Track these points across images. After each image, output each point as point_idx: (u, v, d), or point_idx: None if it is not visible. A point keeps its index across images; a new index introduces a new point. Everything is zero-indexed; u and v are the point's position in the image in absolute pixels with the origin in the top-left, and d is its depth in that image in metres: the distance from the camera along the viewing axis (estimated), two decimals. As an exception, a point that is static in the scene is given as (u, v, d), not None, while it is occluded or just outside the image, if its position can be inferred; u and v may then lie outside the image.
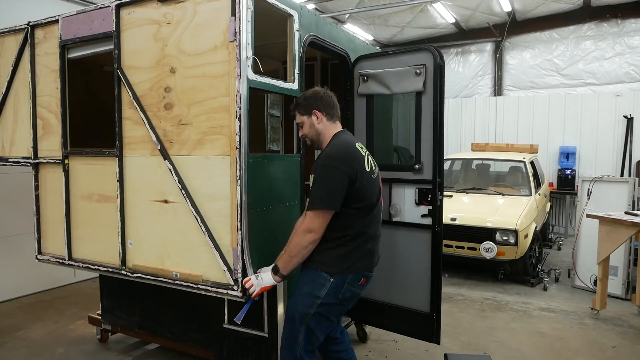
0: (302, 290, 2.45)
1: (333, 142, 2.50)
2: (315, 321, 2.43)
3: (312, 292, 2.41)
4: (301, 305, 2.43)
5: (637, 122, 8.75)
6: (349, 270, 2.42)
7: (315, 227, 2.33)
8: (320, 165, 2.38)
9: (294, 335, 2.45)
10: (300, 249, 2.36)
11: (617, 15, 9.52)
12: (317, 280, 2.41)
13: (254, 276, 2.45)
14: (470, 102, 10.56)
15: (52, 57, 3.30)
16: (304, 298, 2.43)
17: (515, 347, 4.02)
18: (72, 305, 4.92)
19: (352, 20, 10.21)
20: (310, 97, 2.54)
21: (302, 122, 2.56)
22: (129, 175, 2.97)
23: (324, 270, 2.40)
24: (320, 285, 2.40)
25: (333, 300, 2.42)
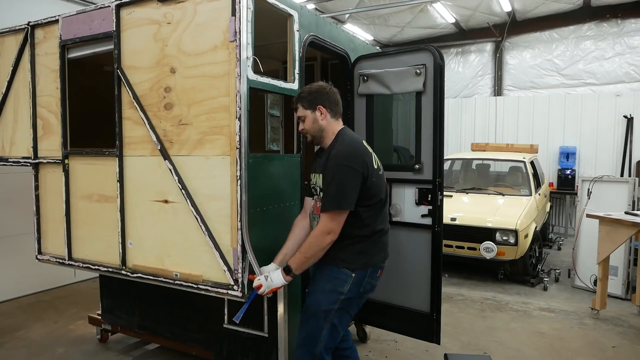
0: (325, 288, 2.45)
1: (341, 140, 2.48)
2: (339, 317, 2.46)
3: (335, 289, 2.43)
4: (324, 302, 2.44)
5: (637, 122, 8.75)
6: (368, 264, 2.47)
7: (333, 228, 2.34)
8: (333, 165, 2.36)
9: (315, 333, 2.45)
10: (317, 250, 2.36)
11: (617, 15, 9.52)
12: (339, 277, 2.43)
13: (262, 277, 2.43)
14: (470, 102, 10.56)
15: (52, 57, 3.30)
16: (327, 295, 2.44)
17: (515, 347, 4.02)
18: (72, 305, 4.92)
19: (352, 20, 10.21)
20: (316, 92, 2.50)
21: (305, 117, 2.51)
22: (129, 175, 2.97)
23: (345, 266, 2.43)
24: (342, 282, 2.43)
25: (355, 295, 2.47)
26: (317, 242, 2.35)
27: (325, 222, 2.34)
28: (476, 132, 10.26)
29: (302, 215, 2.72)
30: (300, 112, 2.53)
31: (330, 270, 2.46)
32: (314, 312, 2.46)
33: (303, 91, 2.55)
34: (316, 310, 2.46)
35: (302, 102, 2.50)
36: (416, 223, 3.30)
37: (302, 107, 2.51)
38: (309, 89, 2.53)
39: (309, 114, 2.50)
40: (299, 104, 2.52)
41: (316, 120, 2.49)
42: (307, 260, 2.38)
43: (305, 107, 2.50)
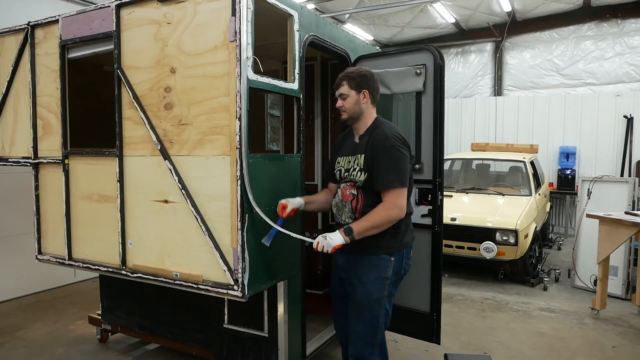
0: (369, 277, 2.51)
1: (383, 124, 2.59)
2: (389, 301, 2.56)
3: (380, 276, 2.50)
4: (374, 291, 2.50)
5: (637, 122, 8.75)
6: (403, 246, 2.56)
7: (402, 204, 2.41)
8: (386, 146, 2.44)
9: (374, 323, 2.51)
10: (385, 222, 2.40)
11: (617, 15, 9.52)
12: (380, 263, 2.50)
13: (321, 236, 2.39)
14: (470, 102, 10.56)
15: (52, 57, 3.30)
16: (374, 284, 2.50)
17: (515, 347, 4.02)
18: (72, 305, 4.92)
19: (352, 20, 10.21)
20: (365, 76, 2.56)
21: (348, 95, 2.56)
22: (129, 175, 2.97)
23: (383, 252, 2.50)
24: (384, 267, 2.50)
25: (398, 278, 2.58)
26: (386, 214, 2.39)
27: (391, 198, 2.40)
28: (476, 132, 10.26)
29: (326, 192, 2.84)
30: (344, 90, 2.57)
31: (369, 259, 2.52)
32: (367, 303, 2.51)
33: (353, 71, 2.60)
34: (369, 302, 2.50)
35: (350, 81, 2.55)
36: (416, 223, 3.28)
37: (347, 86, 2.55)
38: (359, 71, 2.60)
39: (353, 94, 2.55)
40: (345, 82, 2.56)
41: (358, 102, 2.56)
42: (372, 229, 2.39)
43: (351, 86, 2.55)
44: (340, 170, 2.66)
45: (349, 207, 2.56)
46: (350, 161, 2.60)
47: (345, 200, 2.58)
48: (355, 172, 2.55)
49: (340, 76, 2.61)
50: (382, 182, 2.43)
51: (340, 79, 2.59)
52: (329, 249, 2.34)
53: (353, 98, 2.55)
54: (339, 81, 2.59)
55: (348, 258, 2.60)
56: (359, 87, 2.55)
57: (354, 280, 2.57)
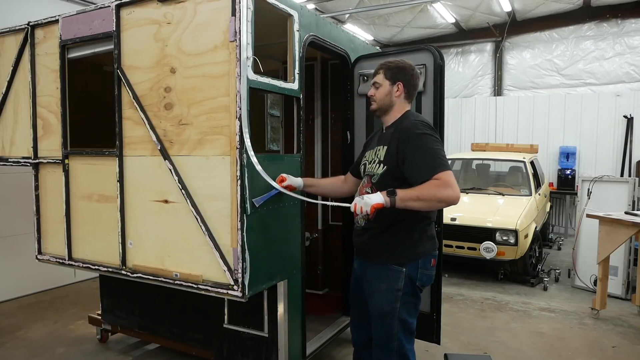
0: (380, 288, 2.42)
1: (413, 115, 2.46)
2: (406, 311, 2.41)
3: (390, 287, 2.38)
4: (385, 302, 2.40)
5: (637, 122, 8.76)
6: (417, 255, 2.40)
7: (455, 185, 2.15)
8: (416, 134, 2.27)
9: (388, 332, 2.42)
10: (433, 198, 2.14)
11: (617, 15, 9.51)
12: (390, 274, 2.38)
13: (358, 198, 2.21)
14: (470, 102, 10.56)
15: (52, 57, 3.30)
16: (385, 295, 2.40)
17: (515, 347, 4.02)
18: (72, 305, 4.92)
19: (352, 20, 10.21)
20: (403, 68, 2.45)
21: (381, 85, 2.46)
22: (129, 175, 2.97)
23: (393, 263, 2.38)
24: (395, 279, 2.38)
25: (413, 289, 2.41)
26: (437, 190, 2.13)
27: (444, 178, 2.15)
28: (476, 132, 10.26)
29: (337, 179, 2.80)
30: (378, 79, 2.47)
31: (379, 270, 2.42)
32: (379, 314, 2.44)
33: (392, 62, 2.49)
34: (381, 313, 2.43)
35: (386, 71, 2.45)
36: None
37: (383, 75, 2.46)
38: (397, 62, 2.47)
39: (386, 85, 2.45)
40: (382, 71, 2.46)
41: (390, 94, 2.45)
42: (416, 199, 2.15)
43: (386, 76, 2.45)
44: (365, 164, 2.55)
45: None
46: (380, 151, 2.45)
47: None
48: (374, 165, 2.43)
49: (379, 64, 2.50)
50: (424, 172, 2.19)
51: (378, 67, 2.48)
52: (367, 209, 2.13)
53: (386, 89, 2.45)
54: (376, 69, 2.49)
55: (361, 264, 2.54)
56: (394, 79, 2.43)
57: (367, 288, 2.51)
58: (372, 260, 2.46)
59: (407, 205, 2.17)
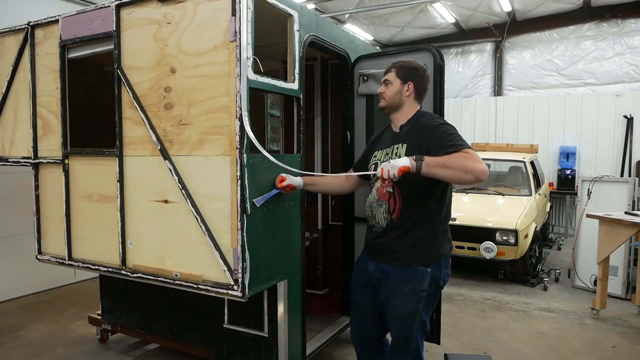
0: (403, 290, 2.40)
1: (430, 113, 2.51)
2: (425, 312, 2.44)
3: (415, 288, 2.38)
4: (409, 304, 2.40)
5: (637, 122, 8.76)
6: (441, 256, 2.43)
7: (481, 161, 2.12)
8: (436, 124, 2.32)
9: (408, 334, 2.42)
10: (461, 168, 2.08)
11: (617, 15, 9.51)
12: (415, 275, 2.38)
13: (384, 163, 2.17)
14: (470, 102, 10.56)
15: (52, 57, 3.30)
16: (409, 297, 2.39)
17: (515, 347, 4.02)
18: (72, 305, 4.92)
19: (352, 20, 10.21)
20: (415, 69, 2.47)
21: (391, 83, 2.47)
22: (129, 175, 2.97)
23: (419, 264, 2.37)
24: (420, 280, 2.37)
25: (436, 289, 2.44)
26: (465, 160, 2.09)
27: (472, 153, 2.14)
28: (476, 132, 10.26)
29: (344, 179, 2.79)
30: (390, 77, 2.49)
31: (403, 271, 2.40)
32: (401, 316, 2.42)
33: (404, 61, 2.51)
34: (403, 314, 2.41)
35: (398, 70, 2.47)
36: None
37: (395, 74, 2.48)
38: (410, 62, 2.50)
39: (397, 83, 2.47)
40: (394, 70, 2.48)
41: (400, 93, 2.47)
42: (443, 167, 2.11)
43: (398, 75, 2.47)
44: (376, 164, 2.52)
45: (386, 208, 2.42)
46: (388, 153, 2.46)
47: (382, 200, 2.43)
48: None
49: (391, 63, 2.53)
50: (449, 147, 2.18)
51: (390, 65, 2.50)
52: (394, 172, 2.08)
53: (396, 87, 2.46)
54: (388, 67, 2.51)
55: (379, 266, 2.50)
56: (405, 78, 2.45)
57: (386, 289, 2.47)
58: (395, 262, 2.41)
59: (432, 172, 2.12)
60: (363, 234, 3.30)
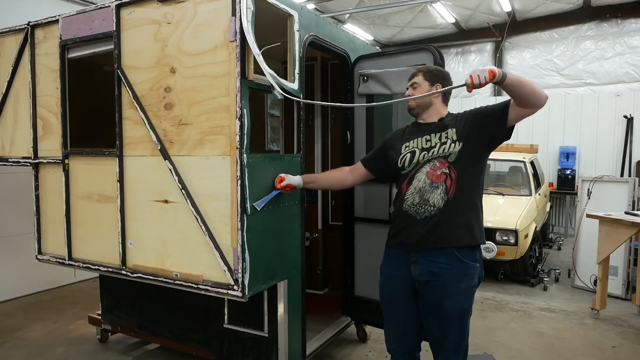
0: (459, 288, 2.44)
1: None
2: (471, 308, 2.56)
3: (469, 285, 2.47)
4: (465, 302, 2.49)
5: (637, 122, 8.76)
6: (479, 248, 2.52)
7: None
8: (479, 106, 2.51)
9: (465, 331, 2.54)
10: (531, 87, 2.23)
11: (617, 15, 9.51)
12: (469, 272, 2.45)
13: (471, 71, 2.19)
14: (470, 102, 10.54)
15: (52, 57, 3.30)
16: (465, 294, 2.47)
17: (515, 347, 4.02)
18: (72, 305, 4.92)
19: (352, 20, 10.21)
20: (442, 72, 2.57)
21: (419, 85, 2.53)
22: (129, 175, 2.97)
23: (472, 261, 2.44)
24: (472, 276, 2.47)
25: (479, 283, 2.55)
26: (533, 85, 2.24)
27: None
28: (476, 132, 10.24)
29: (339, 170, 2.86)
30: (418, 80, 2.54)
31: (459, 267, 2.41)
32: (459, 315, 2.49)
33: (431, 67, 2.65)
34: (460, 313, 2.49)
35: (425, 73, 2.55)
36: (416, 223, 3.29)
37: (422, 76, 2.54)
38: (437, 68, 2.62)
39: (425, 85, 2.52)
40: (421, 73, 2.55)
41: None
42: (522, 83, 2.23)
43: (425, 77, 2.53)
44: (413, 152, 2.46)
45: (443, 189, 2.35)
46: (432, 139, 2.44)
47: (436, 182, 2.36)
48: (446, 146, 2.38)
49: (417, 68, 2.61)
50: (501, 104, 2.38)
51: (417, 70, 2.59)
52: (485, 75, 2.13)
53: (424, 89, 2.51)
54: (415, 72, 2.58)
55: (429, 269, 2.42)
56: (433, 80, 2.52)
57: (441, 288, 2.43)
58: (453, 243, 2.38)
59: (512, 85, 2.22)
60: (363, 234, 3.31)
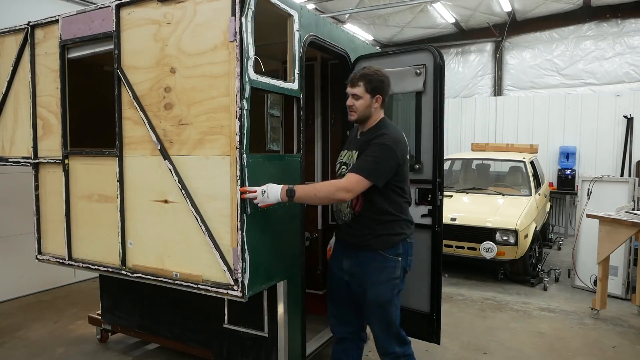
0: (380, 279, 2.57)
1: (387, 125, 2.61)
2: (398, 297, 2.65)
3: (390, 277, 2.57)
4: (385, 292, 2.57)
5: (637, 122, 8.75)
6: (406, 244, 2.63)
7: (355, 190, 2.41)
8: (380, 142, 2.47)
9: (387, 319, 2.60)
10: (327, 196, 2.45)
11: (617, 15, 9.51)
12: (389, 264, 2.56)
13: (261, 189, 2.44)
14: (470, 102, 10.56)
15: (52, 57, 3.30)
16: (385, 285, 2.57)
17: (515, 347, 4.02)
18: (72, 305, 4.92)
19: (352, 20, 10.21)
20: (382, 82, 2.56)
21: (361, 97, 2.55)
22: (129, 175, 2.97)
23: (393, 254, 2.56)
24: (392, 268, 2.57)
25: (404, 273, 2.65)
26: (332, 190, 2.42)
27: (349, 182, 2.41)
28: (476, 132, 10.26)
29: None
30: (359, 91, 2.55)
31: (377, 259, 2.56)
32: (379, 304, 2.58)
33: (371, 74, 2.56)
34: (380, 302, 2.58)
35: (367, 84, 2.54)
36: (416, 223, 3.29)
37: (364, 88, 2.54)
38: (377, 74, 2.56)
39: (367, 98, 2.55)
40: (362, 84, 2.54)
41: (369, 106, 2.57)
42: (313, 197, 2.47)
43: (367, 89, 2.54)
44: (339, 164, 2.71)
45: (349, 204, 2.60)
46: (347, 155, 2.66)
47: None
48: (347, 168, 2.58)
49: (358, 75, 2.57)
50: (354, 166, 2.48)
51: (358, 78, 2.55)
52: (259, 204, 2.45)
53: (366, 101, 2.55)
54: (356, 80, 2.56)
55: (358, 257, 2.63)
56: (374, 92, 2.55)
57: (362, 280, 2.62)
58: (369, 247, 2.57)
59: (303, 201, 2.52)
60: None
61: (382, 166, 2.45)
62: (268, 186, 2.45)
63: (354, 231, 2.63)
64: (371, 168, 2.43)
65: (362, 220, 2.58)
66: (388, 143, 2.46)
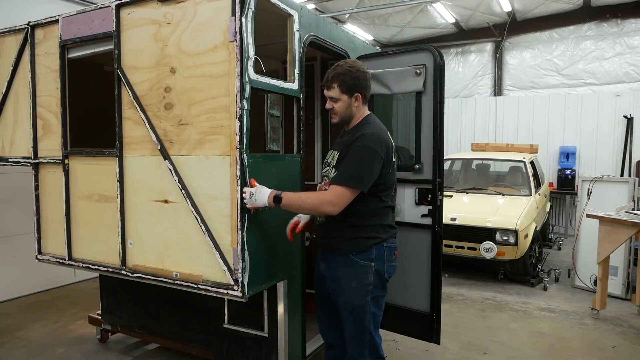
0: (350, 285, 2.45)
1: (369, 122, 2.47)
2: (375, 304, 2.49)
3: (361, 283, 2.44)
4: (356, 298, 2.45)
5: (637, 122, 8.76)
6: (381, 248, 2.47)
7: (340, 203, 2.31)
8: (360, 146, 2.33)
9: (360, 326, 2.47)
10: (313, 207, 2.37)
11: (617, 15, 9.51)
12: (360, 270, 2.44)
13: (250, 190, 2.41)
14: (470, 102, 10.56)
15: (52, 57, 3.30)
16: (356, 291, 2.45)
17: (515, 347, 4.02)
18: (72, 305, 4.92)
19: (352, 20, 10.21)
20: (357, 78, 2.41)
21: (339, 99, 2.43)
22: (129, 175, 2.97)
23: (366, 260, 2.43)
24: (364, 274, 2.43)
25: (381, 281, 2.49)
26: (318, 202, 2.34)
27: (333, 195, 2.30)
28: (476, 132, 10.26)
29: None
30: (334, 94, 2.44)
31: (349, 264, 2.45)
32: (350, 309, 2.48)
33: (344, 72, 2.41)
34: (352, 308, 2.47)
35: (341, 85, 2.41)
36: (416, 223, 3.30)
37: (339, 90, 2.42)
38: (350, 71, 2.41)
39: (345, 99, 2.43)
40: (336, 85, 2.41)
41: (350, 106, 2.46)
42: (300, 206, 2.38)
43: (342, 90, 2.42)
44: (324, 163, 2.63)
45: None
46: (330, 156, 2.57)
47: None
48: (329, 168, 2.51)
49: (330, 75, 2.43)
50: (337, 176, 2.36)
51: (331, 80, 2.42)
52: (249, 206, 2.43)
53: (345, 102, 2.44)
54: (330, 82, 2.43)
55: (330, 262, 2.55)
56: (351, 91, 2.42)
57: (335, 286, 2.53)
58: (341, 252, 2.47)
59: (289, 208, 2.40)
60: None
61: (365, 170, 2.32)
62: (258, 188, 2.40)
63: (326, 232, 2.55)
64: (355, 176, 2.31)
65: (334, 222, 2.45)
66: (368, 144, 2.33)
